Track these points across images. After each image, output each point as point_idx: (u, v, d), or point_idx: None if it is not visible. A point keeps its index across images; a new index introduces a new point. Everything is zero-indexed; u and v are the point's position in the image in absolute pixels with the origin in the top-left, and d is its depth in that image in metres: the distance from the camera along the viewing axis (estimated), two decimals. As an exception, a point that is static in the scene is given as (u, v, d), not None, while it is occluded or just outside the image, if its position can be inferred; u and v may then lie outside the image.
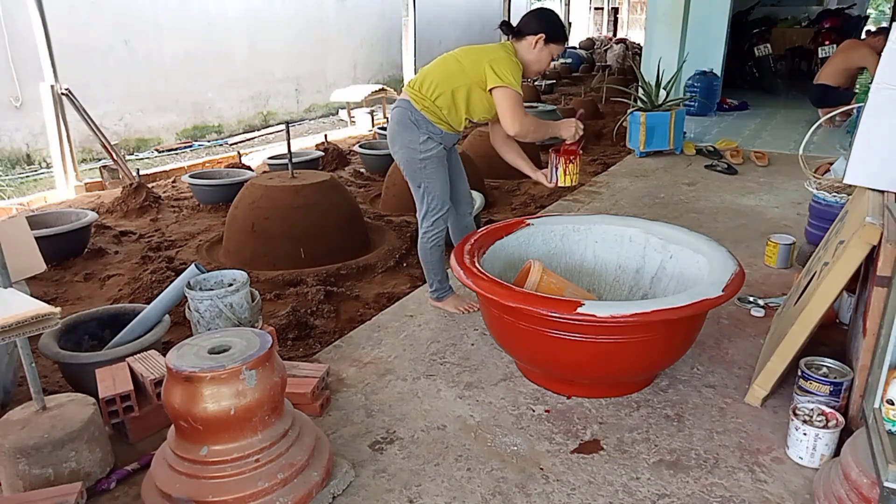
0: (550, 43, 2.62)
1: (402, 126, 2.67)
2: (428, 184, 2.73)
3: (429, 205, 2.77)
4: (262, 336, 1.69)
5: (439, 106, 2.62)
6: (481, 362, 2.51)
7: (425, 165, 2.68)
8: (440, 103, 2.62)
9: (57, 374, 2.47)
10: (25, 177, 6.61)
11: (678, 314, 1.93)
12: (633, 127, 6.36)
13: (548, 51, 2.64)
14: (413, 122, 2.64)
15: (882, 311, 1.82)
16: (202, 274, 2.38)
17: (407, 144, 2.67)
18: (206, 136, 8.86)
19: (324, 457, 1.77)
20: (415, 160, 2.68)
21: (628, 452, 1.97)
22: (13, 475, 1.73)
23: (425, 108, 2.63)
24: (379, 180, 5.52)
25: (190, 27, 8.48)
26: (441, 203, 2.77)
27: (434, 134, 2.66)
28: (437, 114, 2.64)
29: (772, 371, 2.14)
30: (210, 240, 4.16)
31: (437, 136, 2.67)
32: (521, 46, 2.64)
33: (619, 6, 24.11)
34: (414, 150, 2.66)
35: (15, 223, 2.42)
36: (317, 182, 3.79)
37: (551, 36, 2.62)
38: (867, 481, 1.54)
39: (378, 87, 9.31)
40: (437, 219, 2.79)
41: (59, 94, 5.34)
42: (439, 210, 2.77)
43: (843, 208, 2.73)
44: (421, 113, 2.63)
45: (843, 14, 10.91)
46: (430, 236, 2.82)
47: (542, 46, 2.62)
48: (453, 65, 2.64)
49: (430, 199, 2.76)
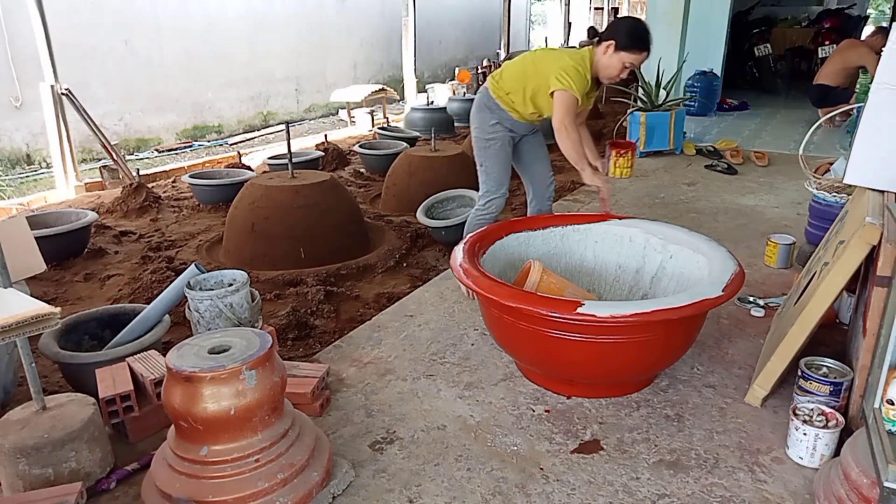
0: (621, 51, 2.69)
1: (479, 109, 3.02)
2: (488, 164, 3.02)
3: (487, 185, 3.05)
4: (262, 336, 1.69)
5: (512, 99, 2.91)
6: (481, 362, 2.51)
7: (489, 146, 2.99)
8: (513, 97, 2.91)
9: (57, 374, 2.47)
10: (25, 177, 6.61)
11: (678, 314, 1.93)
12: (633, 127, 6.34)
13: (618, 58, 2.71)
14: (488, 107, 2.98)
15: (882, 311, 1.82)
16: (202, 274, 2.38)
17: (478, 125, 3.02)
18: (206, 136, 8.86)
19: (324, 457, 1.77)
20: (481, 139, 3.01)
21: (628, 452, 1.97)
22: (13, 475, 1.73)
23: (500, 98, 2.94)
24: (379, 180, 5.52)
25: (190, 27, 8.48)
26: (497, 185, 3.02)
27: (504, 120, 2.96)
28: (509, 104, 2.93)
29: (772, 371, 2.14)
30: (210, 240, 4.16)
31: (507, 122, 2.96)
32: (598, 51, 2.76)
33: (619, 6, 24.08)
34: (482, 131, 3.00)
35: (15, 223, 2.42)
36: (317, 182, 3.79)
37: (621, 44, 2.69)
38: (867, 481, 1.54)
39: (378, 87, 9.30)
40: (491, 200, 3.04)
41: (59, 94, 5.33)
42: (495, 192, 3.03)
43: (843, 208, 2.73)
44: (496, 101, 2.95)
45: (843, 14, 10.90)
46: (481, 215, 3.07)
47: (612, 53, 2.71)
48: (529, 66, 2.88)
49: (487, 179, 3.04)
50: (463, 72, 11.84)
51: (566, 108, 2.73)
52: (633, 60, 2.71)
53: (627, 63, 2.72)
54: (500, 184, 3.03)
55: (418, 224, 4.12)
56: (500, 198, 3.05)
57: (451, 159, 4.78)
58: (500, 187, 3.03)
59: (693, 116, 8.11)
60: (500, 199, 3.05)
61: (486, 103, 2.98)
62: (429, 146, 4.98)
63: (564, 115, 2.74)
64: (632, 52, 2.70)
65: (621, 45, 2.69)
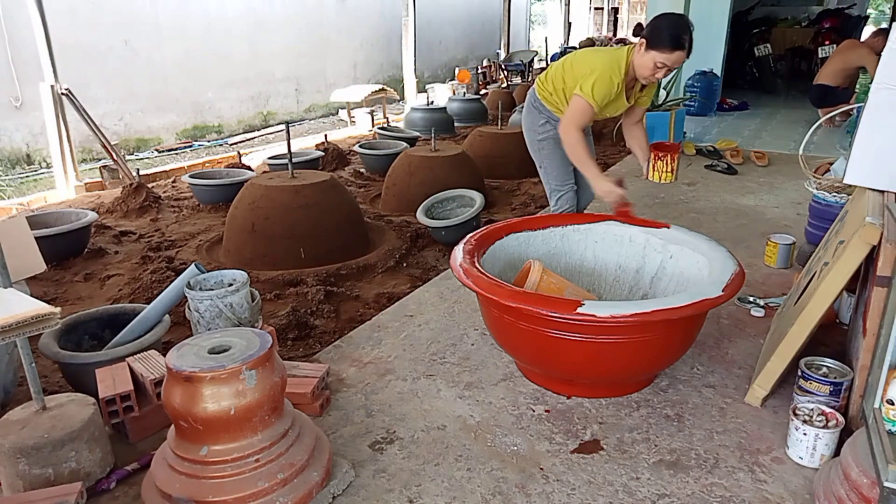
0: (651, 49, 2.58)
1: (528, 111, 3.10)
2: (546, 163, 3.08)
3: (550, 184, 3.10)
4: (262, 336, 1.69)
5: (556, 99, 2.95)
6: (481, 362, 2.51)
7: (543, 146, 3.05)
8: (555, 97, 2.94)
9: (57, 374, 2.47)
10: (25, 177, 6.61)
11: (678, 314, 1.93)
12: (633, 127, 6.34)
13: (650, 57, 2.59)
14: (535, 107, 3.05)
15: (882, 311, 1.82)
16: (202, 274, 2.38)
17: (529, 126, 3.09)
18: (206, 136, 8.86)
19: (324, 457, 1.77)
20: (534, 141, 3.08)
21: (628, 452, 1.97)
22: (13, 475, 1.73)
23: (545, 98, 3.00)
24: (379, 180, 5.52)
25: (190, 27, 8.48)
26: (561, 181, 3.07)
27: (552, 119, 2.99)
28: (554, 104, 2.97)
29: (772, 371, 2.14)
30: (210, 240, 4.16)
31: (555, 121, 2.97)
32: (635, 49, 2.68)
33: (619, 6, 24.10)
34: (534, 132, 3.07)
35: (15, 223, 2.42)
36: (317, 182, 3.79)
37: (651, 42, 2.57)
38: (867, 481, 1.54)
39: (378, 87, 9.30)
40: (562, 196, 3.09)
41: (59, 94, 5.33)
42: (561, 187, 3.07)
43: (843, 208, 2.73)
44: (541, 101, 3.01)
45: (843, 14, 10.91)
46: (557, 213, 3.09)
47: (643, 52, 2.61)
48: (567, 67, 2.89)
49: (549, 178, 3.09)
50: (463, 72, 11.85)
51: (573, 112, 2.73)
52: (665, 60, 2.56)
53: (659, 62, 2.57)
54: (563, 179, 3.06)
55: (418, 224, 4.12)
56: (567, 192, 3.08)
57: (451, 159, 4.78)
58: (563, 183, 3.06)
59: (693, 116, 8.11)
60: (568, 193, 3.08)
61: (534, 104, 3.04)
62: (429, 146, 4.98)
63: (569, 119, 2.74)
64: (662, 50, 2.55)
65: (652, 43, 2.58)
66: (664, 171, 2.80)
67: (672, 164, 2.78)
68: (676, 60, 2.57)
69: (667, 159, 2.77)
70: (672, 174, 2.80)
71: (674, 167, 2.79)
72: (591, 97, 2.67)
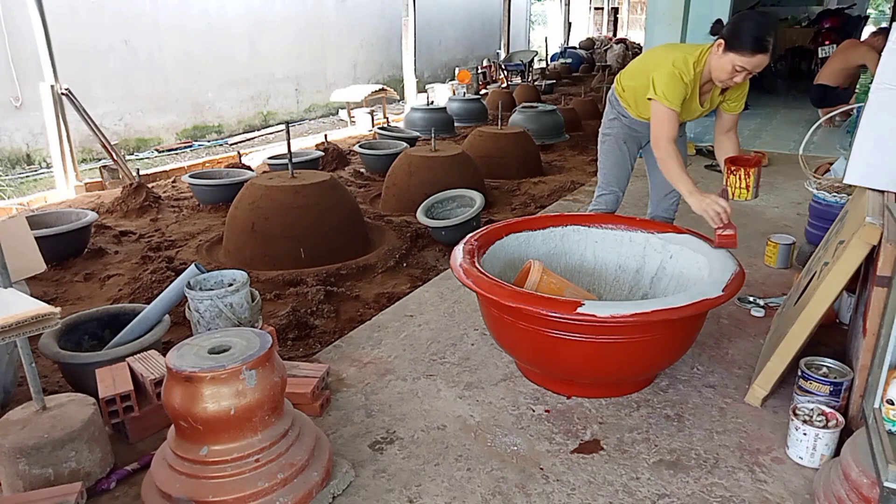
0: (730, 51, 2.33)
1: (608, 103, 3.00)
2: (601, 159, 3.00)
3: (599, 179, 3.04)
4: (262, 336, 1.69)
5: (628, 95, 2.84)
6: (481, 362, 2.51)
7: (604, 140, 2.97)
8: (628, 95, 2.84)
9: (57, 374, 2.47)
10: (25, 177, 6.61)
11: (678, 314, 1.93)
12: (633, 127, 6.34)
13: (728, 60, 2.35)
14: (610, 101, 2.97)
15: (882, 311, 1.82)
16: (202, 274, 2.38)
17: (602, 118, 3.03)
18: (206, 136, 8.86)
19: (324, 457, 1.77)
20: (601, 133, 3.01)
21: (628, 452, 1.97)
22: (13, 475, 1.73)
23: (619, 94, 2.90)
24: (379, 180, 5.52)
25: (190, 27, 8.48)
26: (605, 182, 2.98)
27: (623, 116, 2.90)
28: (626, 101, 2.87)
29: (772, 371, 2.14)
30: (210, 240, 4.16)
31: (625, 119, 2.89)
32: (713, 49, 2.45)
33: (619, 6, 24.11)
34: (603, 125, 3.00)
35: (15, 223, 2.42)
36: (317, 182, 3.79)
37: (729, 43, 2.33)
38: (867, 481, 1.54)
39: (378, 87, 9.30)
40: (600, 196, 3.01)
41: (59, 94, 5.33)
42: (604, 188, 2.99)
43: (843, 208, 2.73)
44: (616, 96, 2.92)
45: (843, 14, 10.89)
46: (592, 207, 3.04)
47: (721, 53, 2.37)
48: (642, 63, 2.79)
49: (599, 173, 3.03)
50: (463, 72, 11.85)
51: (657, 122, 2.50)
52: (745, 64, 2.31)
53: (738, 66, 2.32)
54: (609, 181, 2.97)
55: (418, 224, 4.12)
56: (608, 195, 2.98)
57: (451, 159, 4.78)
58: (608, 184, 2.97)
59: (693, 116, 8.09)
60: (608, 195, 2.98)
61: (610, 98, 2.96)
62: (429, 146, 4.98)
63: (656, 132, 2.51)
64: (743, 53, 2.29)
65: (730, 45, 2.33)
66: (737, 186, 2.44)
67: (747, 179, 2.41)
68: (758, 65, 2.31)
69: (740, 174, 2.42)
70: (748, 191, 2.43)
71: (748, 183, 2.42)
72: (666, 99, 2.45)
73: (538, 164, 6.10)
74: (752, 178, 2.42)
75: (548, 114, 7.50)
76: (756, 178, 2.42)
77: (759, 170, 2.44)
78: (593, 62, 16.52)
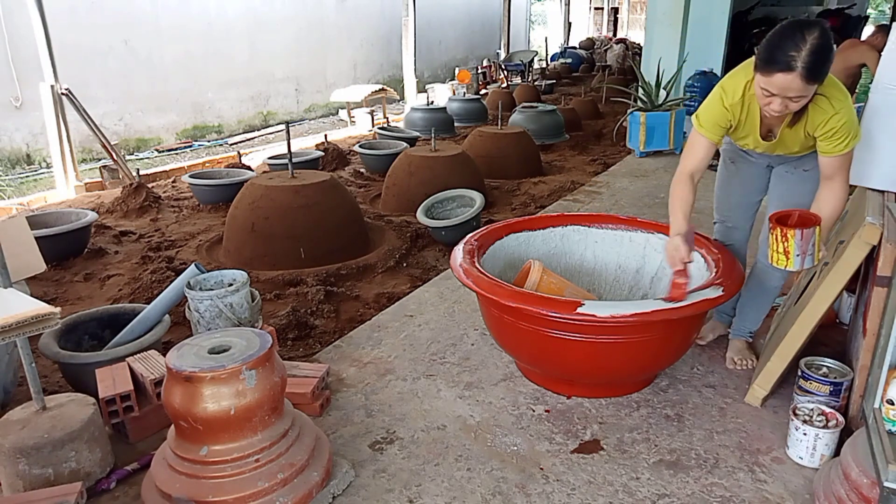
0: (756, 71, 1.86)
1: None
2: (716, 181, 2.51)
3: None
4: (262, 336, 1.69)
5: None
6: (481, 362, 2.51)
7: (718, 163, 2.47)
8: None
9: (57, 374, 2.47)
10: (25, 177, 6.61)
11: (678, 314, 1.93)
12: (633, 127, 6.36)
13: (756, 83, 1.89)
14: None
15: (882, 311, 1.82)
16: (202, 274, 2.38)
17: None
18: (206, 136, 8.86)
19: (324, 457, 1.77)
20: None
21: (628, 452, 1.97)
22: (13, 475, 1.73)
23: None
24: (379, 180, 5.52)
25: (190, 27, 8.48)
26: (716, 208, 2.50)
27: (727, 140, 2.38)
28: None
29: (772, 371, 2.14)
30: (210, 240, 4.16)
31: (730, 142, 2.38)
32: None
33: (619, 6, 24.11)
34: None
35: (15, 223, 2.42)
36: (317, 182, 3.79)
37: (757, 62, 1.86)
38: (867, 481, 1.54)
39: (378, 87, 9.30)
40: (715, 223, 2.51)
41: (59, 94, 5.33)
42: (716, 216, 2.50)
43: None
44: None
45: (843, 14, 10.91)
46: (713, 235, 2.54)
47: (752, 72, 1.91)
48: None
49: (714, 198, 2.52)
50: (463, 72, 11.85)
51: (688, 146, 2.16)
52: (766, 85, 1.83)
53: (764, 89, 1.84)
54: (719, 209, 2.49)
55: (418, 224, 4.12)
56: (718, 223, 2.50)
57: (451, 159, 4.78)
58: (717, 211, 2.50)
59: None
60: (718, 225, 2.49)
61: None
62: (429, 146, 4.98)
63: (682, 157, 2.17)
64: (762, 71, 1.83)
65: (756, 62, 1.87)
66: (775, 250, 1.92)
67: (784, 242, 1.88)
68: (782, 86, 1.79)
69: (776, 234, 1.90)
70: (787, 258, 1.89)
71: (787, 248, 1.88)
72: (699, 121, 2.10)
73: (538, 164, 6.10)
74: (793, 244, 1.87)
75: (548, 114, 7.50)
76: (803, 243, 1.87)
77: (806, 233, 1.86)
78: (593, 62, 16.53)
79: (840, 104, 1.89)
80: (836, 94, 1.90)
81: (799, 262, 1.89)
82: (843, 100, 1.90)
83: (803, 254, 1.88)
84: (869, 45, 6.72)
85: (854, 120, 1.92)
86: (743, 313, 2.46)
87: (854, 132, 1.92)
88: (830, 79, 1.89)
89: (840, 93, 1.91)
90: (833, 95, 1.90)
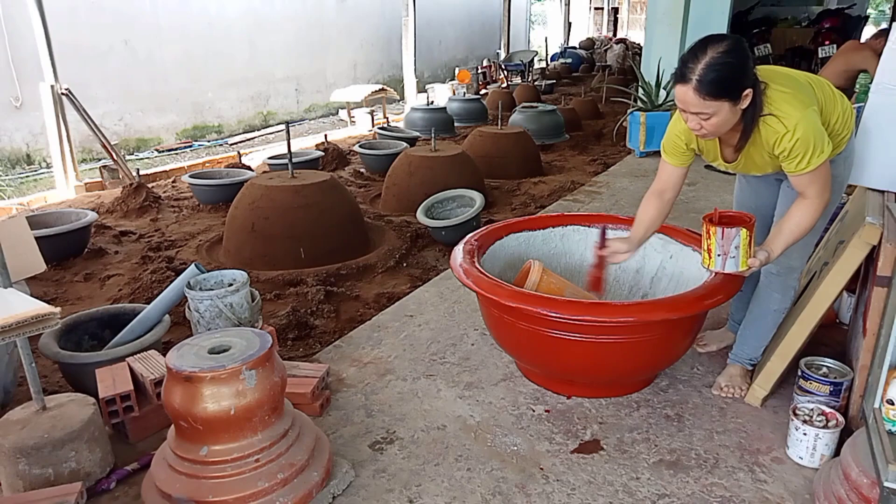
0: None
1: None
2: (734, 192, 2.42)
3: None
4: (262, 336, 1.69)
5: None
6: (481, 362, 2.51)
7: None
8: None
9: (57, 374, 2.47)
10: (25, 177, 6.61)
11: (678, 314, 1.93)
12: (633, 127, 6.36)
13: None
14: None
15: (882, 311, 1.82)
16: (202, 274, 2.38)
17: None
18: (206, 136, 8.86)
19: (324, 457, 1.77)
20: None
21: (628, 452, 1.97)
22: (13, 475, 1.73)
23: None
24: (379, 180, 5.52)
25: (190, 27, 8.48)
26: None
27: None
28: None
29: (772, 371, 2.14)
30: (210, 240, 4.16)
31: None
32: None
33: (619, 6, 24.10)
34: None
35: (15, 223, 2.42)
36: (317, 182, 3.79)
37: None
38: (867, 481, 1.54)
39: (378, 87, 9.30)
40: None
41: (59, 94, 5.33)
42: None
43: (843, 208, 2.73)
44: None
45: (843, 14, 10.90)
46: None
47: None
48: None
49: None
50: (463, 72, 11.85)
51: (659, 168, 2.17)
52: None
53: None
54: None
55: (418, 224, 4.12)
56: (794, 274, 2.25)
57: (451, 159, 4.78)
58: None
59: (693, 116, 8.08)
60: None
61: None
62: (429, 146, 4.98)
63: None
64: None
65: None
66: (701, 247, 1.94)
67: (707, 240, 1.87)
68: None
69: (703, 230, 1.90)
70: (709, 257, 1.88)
71: (710, 246, 1.86)
72: (662, 147, 2.10)
73: (538, 164, 6.10)
74: (714, 241, 1.84)
75: (548, 114, 7.50)
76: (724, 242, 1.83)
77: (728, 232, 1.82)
78: (593, 62, 16.52)
79: (792, 122, 1.77)
80: (788, 112, 1.78)
81: (720, 263, 1.85)
82: (798, 117, 1.77)
83: (724, 254, 1.84)
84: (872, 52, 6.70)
85: (814, 136, 1.77)
86: (743, 337, 2.32)
87: (814, 149, 1.77)
88: (783, 95, 1.80)
89: (794, 109, 1.78)
90: (786, 114, 1.78)
